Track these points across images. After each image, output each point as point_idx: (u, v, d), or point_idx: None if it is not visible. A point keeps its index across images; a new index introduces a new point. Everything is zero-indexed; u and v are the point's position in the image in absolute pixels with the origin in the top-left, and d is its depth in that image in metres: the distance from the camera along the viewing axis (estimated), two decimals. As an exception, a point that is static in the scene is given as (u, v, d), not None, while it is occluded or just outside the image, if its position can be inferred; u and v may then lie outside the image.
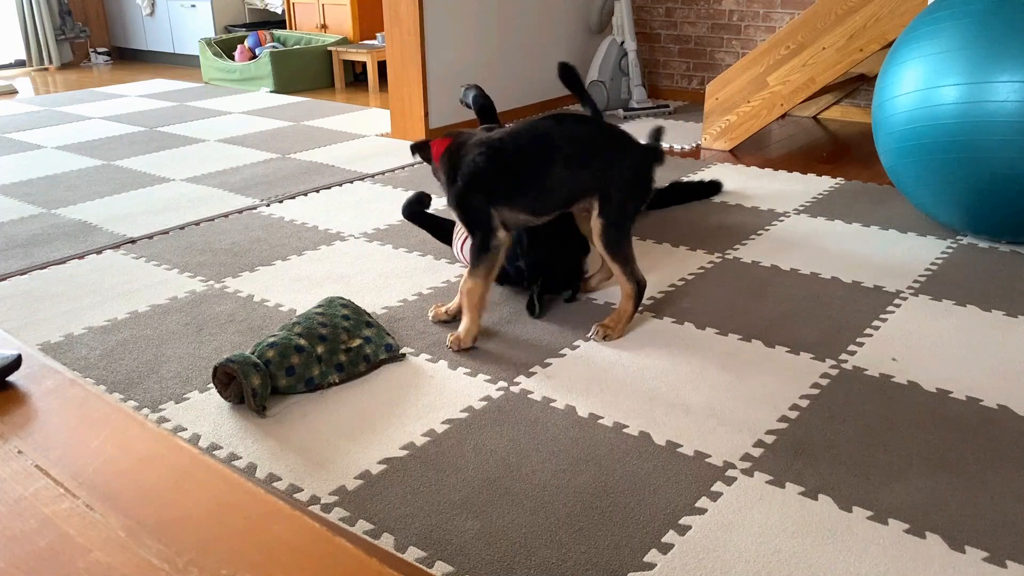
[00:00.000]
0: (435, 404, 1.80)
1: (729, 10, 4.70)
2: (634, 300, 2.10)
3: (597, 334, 2.09)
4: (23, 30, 6.89)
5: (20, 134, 4.48)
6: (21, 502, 0.78)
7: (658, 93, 5.09)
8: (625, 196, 2.04)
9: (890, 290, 2.32)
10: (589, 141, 2.03)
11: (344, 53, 5.83)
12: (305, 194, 3.30)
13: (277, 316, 2.22)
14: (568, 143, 2.01)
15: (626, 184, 2.03)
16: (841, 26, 3.46)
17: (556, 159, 2.00)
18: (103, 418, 0.95)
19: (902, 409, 1.75)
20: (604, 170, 2.02)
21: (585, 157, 2.01)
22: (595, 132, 2.05)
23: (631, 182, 2.04)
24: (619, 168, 2.02)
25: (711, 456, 1.60)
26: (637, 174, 2.06)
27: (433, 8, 3.92)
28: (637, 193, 2.07)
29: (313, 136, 4.31)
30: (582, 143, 2.02)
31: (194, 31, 6.80)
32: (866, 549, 1.35)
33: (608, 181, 2.01)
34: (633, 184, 2.05)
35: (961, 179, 2.42)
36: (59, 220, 3.03)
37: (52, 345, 2.09)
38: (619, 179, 2.02)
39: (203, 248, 2.73)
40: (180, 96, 5.51)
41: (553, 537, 1.39)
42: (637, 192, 2.07)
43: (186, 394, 1.85)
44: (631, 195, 2.05)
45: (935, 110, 2.40)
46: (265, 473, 1.58)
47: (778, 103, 3.68)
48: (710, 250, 2.64)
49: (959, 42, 2.37)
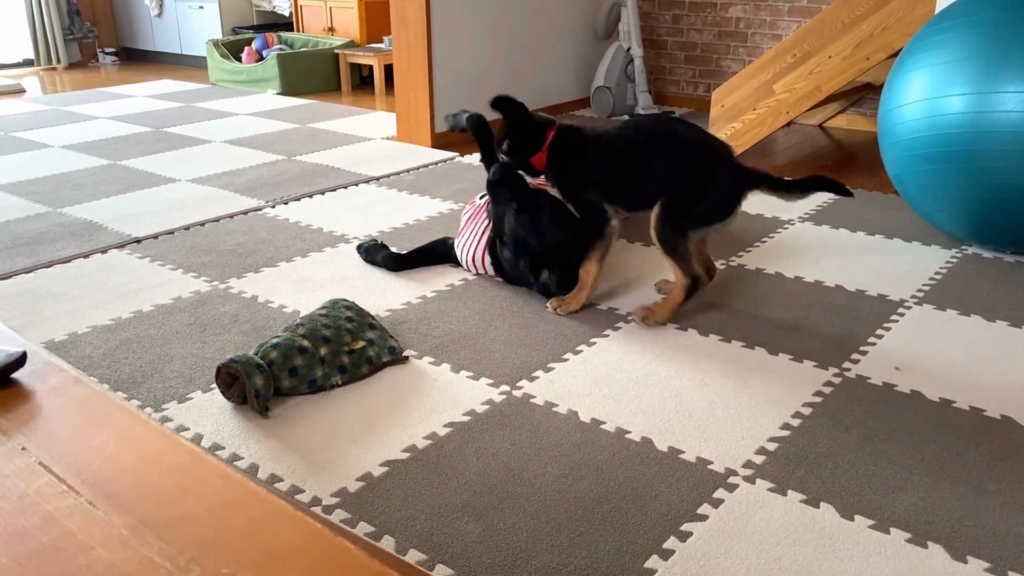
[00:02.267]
0: (437, 407, 1.80)
1: (736, 17, 4.71)
2: (686, 292, 2.13)
3: (638, 315, 2.16)
4: (32, 29, 6.92)
5: (27, 133, 4.49)
6: (24, 499, 0.78)
7: (664, 100, 5.10)
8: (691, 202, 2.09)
9: (894, 299, 2.32)
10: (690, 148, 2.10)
11: (351, 56, 5.84)
12: (310, 196, 3.31)
13: (281, 317, 2.22)
14: (668, 146, 2.11)
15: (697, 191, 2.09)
16: (848, 35, 3.46)
17: (654, 160, 2.10)
18: (106, 416, 0.95)
19: (905, 418, 1.75)
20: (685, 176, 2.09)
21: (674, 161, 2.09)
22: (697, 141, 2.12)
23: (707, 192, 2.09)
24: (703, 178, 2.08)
25: (713, 463, 1.60)
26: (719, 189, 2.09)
27: (440, 12, 3.93)
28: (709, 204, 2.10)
29: (319, 138, 4.32)
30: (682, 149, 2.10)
31: (201, 32, 6.82)
32: (867, 558, 1.35)
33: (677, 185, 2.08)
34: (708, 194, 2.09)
35: (966, 189, 2.42)
36: (65, 219, 3.04)
37: (56, 343, 2.09)
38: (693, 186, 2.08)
39: (208, 249, 2.73)
40: (187, 97, 5.52)
41: (554, 542, 1.39)
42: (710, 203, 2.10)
43: (189, 394, 1.86)
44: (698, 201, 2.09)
45: (941, 119, 2.40)
46: (267, 474, 1.58)
47: (784, 111, 3.68)
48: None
49: (966, 52, 2.37)
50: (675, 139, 2.12)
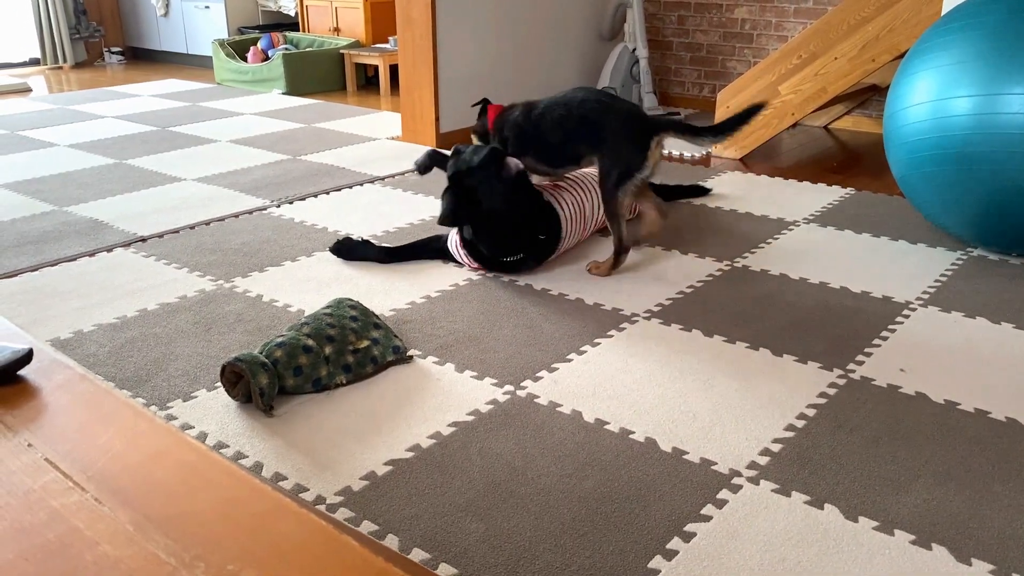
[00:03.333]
0: (441, 407, 1.80)
1: (741, 19, 4.70)
2: (615, 255, 2.49)
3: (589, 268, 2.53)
4: (38, 29, 6.94)
5: (34, 132, 4.51)
6: (31, 495, 0.79)
7: (669, 101, 5.09)
8: (612, 161, 2.40)
9: (899, 301, 2.32)
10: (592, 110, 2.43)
11: (356, 56, 5.85)
12: (315, 196, 3.31)
13: (285, 316, 2.23)
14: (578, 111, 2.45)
15: (613, 150, 2.41)
16: (854, 36, 3.46)
17: (569, 124, 2.45)
18: (112, 413, 0.95)
19: (909, 420, 1.74)
20: (599, 136, 2.41)
21: (587, 124, 2.43)
22: (599, 102, 2.45)
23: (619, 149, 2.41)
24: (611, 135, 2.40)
25: (717, 464, 1.60)
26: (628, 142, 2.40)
27: (445, 12, 3.94)
28: (623, 159, 2.40)
29: (324, 138, 4.32)
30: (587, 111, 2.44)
31: (207, 32, 6.84)
32: (871, 559, 1.35)
33: (602, 146, 2.42)
34: (620, 151, 2.41)
35: (972, 191, 2.41)
36: (70, 218, 3.05)
37: (62, 341, 2.10)
38: (610, 145, 2.40)
39: (213, 248, 2.74)
40: (193, 96, 5.54)
41: (557, 542, 1.39)
42: (623, 158, 2.40)
43: (194, 392, 1.86)
44: (617, 161, 2.40)
45: (947, 121, 2.39)
46: (271, 472, 1.58)
47: (789, 112, 3.68)
48: (719, 258, 2.64)
49: (972, 54, 2.36)
50: (581, 104, 2.46)
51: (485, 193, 2.34)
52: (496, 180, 2.36)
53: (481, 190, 2.34)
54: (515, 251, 2.45)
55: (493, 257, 2.47)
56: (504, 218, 2.39)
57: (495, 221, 2.39)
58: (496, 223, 2.39)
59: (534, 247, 2.48)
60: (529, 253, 2.48)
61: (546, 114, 2.49)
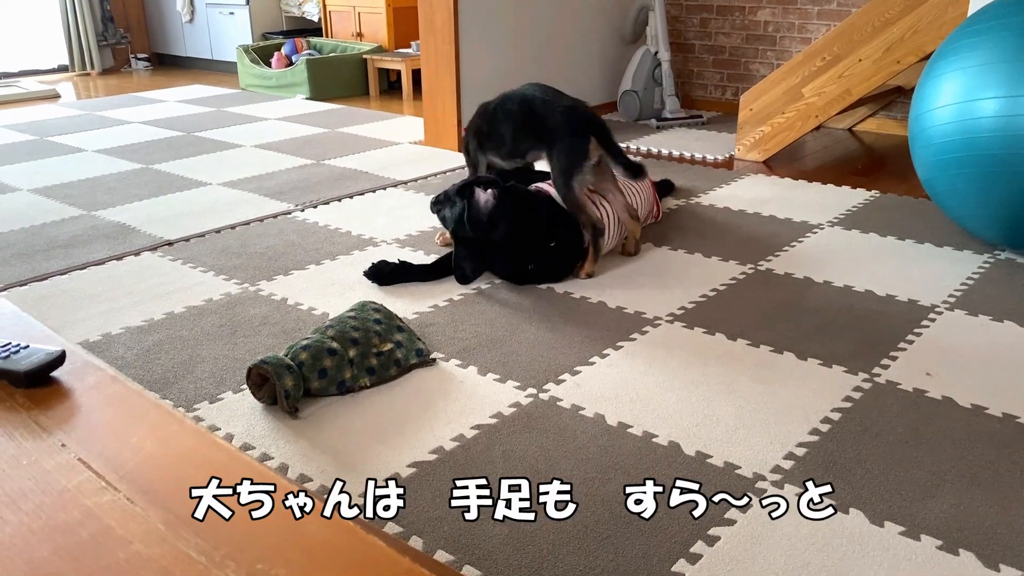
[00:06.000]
0: (465, 410, 1.81)
1: (764, 21, 4.68)
2: (592, 242, 2.49)
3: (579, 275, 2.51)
4: (66, 36, 7.04)
5: (62, 137, 4.57)
6: (64, 494, 0.80)
7: (692, 103, 5.08)
8: (559, 154, 2.49)
9: (925, 304, 2.30)
10: (535, 106, 2.57)
11: (379, 61, 5.88)
12: (339, 200, 3.33)
13: (310, 319, 2.24)
14: (520, 107, 2.61)
15: (559, 143, 2.49)
16: (878, 38, 3.43)
17: (515, 120, 2.63)
18: (143, 414, 0.97)
19: (936, 424, 1.73)
20: (543, 130, 2.53)
21: (531, 119, 2.58)
22: (542, 99, 2.58)
23: (564, 141, 2.48)
24: (556, 129, 2.51)
25: (741, 467, 1.59)
26: (570, 135, 2.48)
27: (468, 17, 3.95)
28: (567, 151, 2.47)
29: (347, 143, 4.35)
30: (530, 108, 2.58)
31: (232, 38, 6.91)
32: (898, 565, 1.34)
33: (549, 141, 2.52)
34: (564, 143, 2.48)
35: (999, 193, 2.39)
36: (99, 222, 3.09)
37: (90, 344, 2.13)
38: (554, 140, 2.50)
39: (238, 251, 2.77)
40: (218, 102, 5.59)
41: (580, 544, 1.39)
42: (567, 150, 2.47)
43: (220, 394, 1.88)
44: (562, 153, 2.48)
45: (973, 123, 2.37)
46: (296, 474, 1.60)
47: (813, 115, 3.66)
48: (742, 261, 2.63)
49: (999, 55, 2.34)
50: (524, 100, 2.61)
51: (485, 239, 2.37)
52: (486, 222, 2.35)
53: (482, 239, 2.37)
54: (530, 263, 2.44)
55: (516, 274, 2.48)
56: (505, 244, 2.39)
57: (498, 250, 2.41)
58: (500, 252, 2.41)
59: (549, 255, 2.45)
60: (545, 262, 2.45)
61: (497, 111, 2.68)
